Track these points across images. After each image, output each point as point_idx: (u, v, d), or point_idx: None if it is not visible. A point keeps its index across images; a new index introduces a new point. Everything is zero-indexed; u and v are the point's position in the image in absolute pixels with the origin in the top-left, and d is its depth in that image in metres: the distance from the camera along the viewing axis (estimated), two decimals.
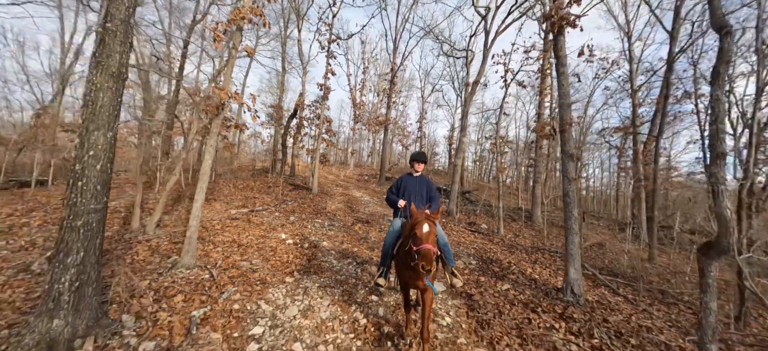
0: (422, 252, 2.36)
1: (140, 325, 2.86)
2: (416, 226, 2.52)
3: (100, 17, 2.91)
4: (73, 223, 2.64)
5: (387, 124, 18.31)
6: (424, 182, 3.60)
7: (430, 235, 2.44)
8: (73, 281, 2.62)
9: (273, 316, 3.23)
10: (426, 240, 2.42)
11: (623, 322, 3.95)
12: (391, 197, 3.55)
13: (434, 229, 2.53)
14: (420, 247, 2.40)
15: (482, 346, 3.13)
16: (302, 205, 8.73)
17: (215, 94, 4.45)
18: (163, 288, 3.48)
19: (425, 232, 2.45)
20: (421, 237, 2.45)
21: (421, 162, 3.57)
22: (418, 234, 2.48)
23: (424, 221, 2.51)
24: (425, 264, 2.31)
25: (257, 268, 4.26)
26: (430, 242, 2.41)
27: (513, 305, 4.09)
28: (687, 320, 4.41)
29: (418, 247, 2.41)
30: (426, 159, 3.65)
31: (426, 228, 2.47)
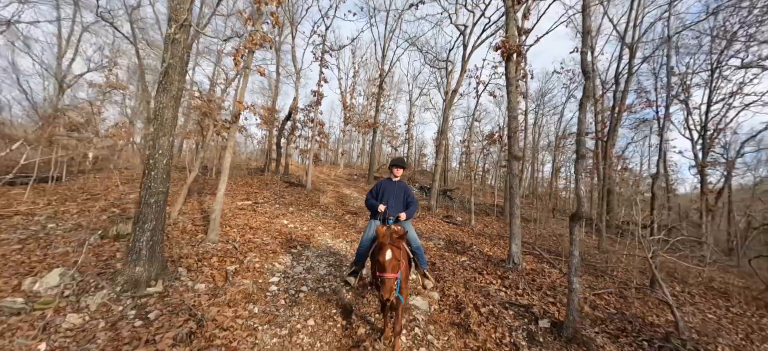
0: (384, 281, 2.43)
1: (192, 275, 4.05)
2: (380, 253, 2.55)
3: (164, 54, 4.06)
4: (148, 201, 3.82)
5: (376, 126, 19.61)
6: (402, 187, 3.67)
7: (391, 263, 2.46)
8: (148, 241, 3.79)
9: (284, 272, 4.47)
10: (388, 268, 2.45)
11: (547, 282, 5.33)
12: (371, 201, 3.62)
13: (398, 254, 2.55)
14: (382, 275, 2.47)
15: (436, 291, 4.44)
16: (298, 199, 9.92)
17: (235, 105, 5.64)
18: (200, 254, 4.66)
19: (388, 260, 2.47)
20: (383, 264, 2.48)
21: (400, 167, 3.67)
22: (380, 261, 2.51)
23: (388, 247, 2.53)
24: (384, 294, 2.39)
25: (269, 243, 5.48)
26: (392, 269, 2.44)
27: (465, 270, 5.44)
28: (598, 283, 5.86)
29: (381, 275, 2.49)
30: (405, 164, 3.74)
31: (388, 255, 2.48)
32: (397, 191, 3.62)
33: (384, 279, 2.42)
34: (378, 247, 2.60)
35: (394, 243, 2.57)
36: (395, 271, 2.45)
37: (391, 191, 3.60)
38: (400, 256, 2.59)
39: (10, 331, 2.77)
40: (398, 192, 3.62)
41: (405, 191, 3.68)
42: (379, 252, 2.56)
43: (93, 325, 2.95)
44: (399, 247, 2.60)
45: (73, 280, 3.63)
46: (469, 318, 3.77)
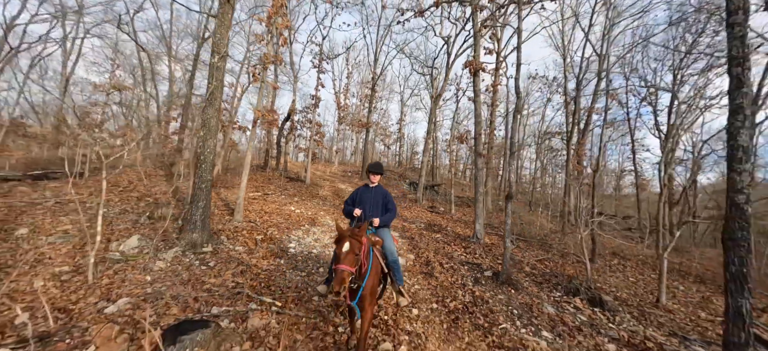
0: (336, 272, 2.32)
1: (231, 242, 5.51)
2: (338, 244, 2.47)
3: (210, 78, 5.46)
4: (200, 186, 5.25)
5: (369, 126, 21.07)
6: (380, 193, 3.52)
7: (348, 255, 2.38)
8: (201, 215, 5.23)
9: (299, 240, 5.97)
10: (343, 259, 2.36)
11: (500, 251, 6.93)
12: (347, 208, 3.49)
13: (356, 248, 2.45)
14: (335, 267, 2.38)
15: (413, 252, 5.99)
16: (300, 192, 11.36)
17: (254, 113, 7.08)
18: (232, 228, 6.11)
19: (344, 251, 2.39)
20: (338, 255, 2.41)
21: (376, 173, 3.52)
22: (336, 252, 2.45)
23: (346, 239, 2.45)
24: (334, 285, 2.25)
25: (282, 222, 6.95)
26: (347, 262, 2.35)
27: (437, 242, 7.01)
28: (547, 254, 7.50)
29: (335, 267, 2.39)
30: (382, 170, 3.60)
31: (346, 246, 2.41)
32: (374, 198, 3.45)
33: (336, 270, 2.33)
34: (336, 240, 2.53)
35: (354, 236, 2.48)
36: (351, 265, 2.35)
37: (367, 198, 3.43)
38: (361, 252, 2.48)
39: (121, 272, 4.20)
40: (376, 198, 3.45)
41: (384, 197, 3.51)
42: (337, 244, 2.49)
43: (173, 267, 4.41)
44: (360, 241, 2.49)
45: (148, 242, 5.06)
46: (434, 269, 5.32)
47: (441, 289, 4.71)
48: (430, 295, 4.47)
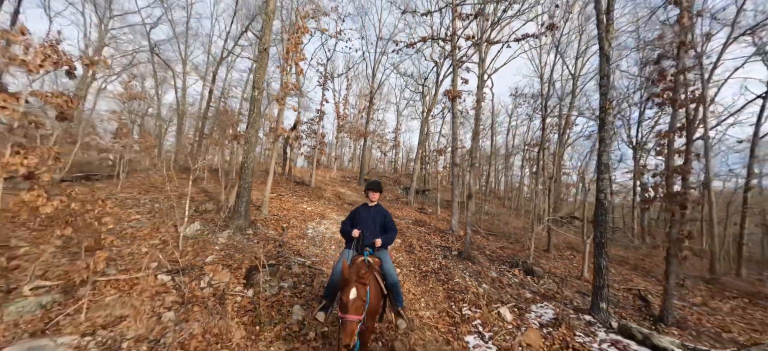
0: (344, 323, 2.26)
1: (264, 228, 7.48)
2: (343, 291, 2.39)
3: (251, 106, 7.45)
4: (244, 186, 7.23)
5: (366, 135, 23.16)
6: (380, 213, 3.42)
7: (355, 303, 2.31)
8: (244, 208, 7.20)
9: (313, 228, 7.96)
10: (350, 308, 2.28)
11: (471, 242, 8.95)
12: (345, 228, 3.37)
13: (363, 293, 2.38)
14: (343, 317, 2.30)
15: (400, 238, 8.01)
16: (307, 193, 13.34)
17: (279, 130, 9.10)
18: (263, 219, 8.08)
19: (351, 299, 2.31)
20: (346, 304, 2.32)
21: (376, 191, 3.44)
22: (343, 300, 2.35)
23: (353, 284, 2.37)
24: (344, 338, 2.19)
25: (299, 215, 8.93)
26: (354, 311, 2.28)
27: (420, 233, 9.04)
28: (514, 245, 9.54)
29: (342, 317, 2.31)
30: (381, 188, 3.49)
31: (352, 293, 2.32)
32: (373, 217, 3.38)
33: (344, 321, 2.27)
34: (342, 286, 2.45)
35: (360, 280, 2.42)
36: (358, 313, 2.30)
37: (366, 218, 3.35)
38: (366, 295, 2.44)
39: (197, 244, 6.15)
40: (375, 218, 3.38)
41: (383, 217, 3.42)
42: (342, 290, 2.41)
43: (230, 242, 6.37)
44: (365, 283, 2.45)
45: (206, 226, 7.01)
46: (414, 249, 7.34)
47: (418, 260, 6.73)
48: (409, 263, 6.48)
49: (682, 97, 5.75)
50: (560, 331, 4.54)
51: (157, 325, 3.42)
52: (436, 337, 4.02)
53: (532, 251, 7.76)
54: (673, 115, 5.86)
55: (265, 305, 4.03)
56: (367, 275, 2.52)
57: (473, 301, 5.16)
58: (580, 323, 4.92)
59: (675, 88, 5.91)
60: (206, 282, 4.44)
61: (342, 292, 2.42)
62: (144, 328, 3.29)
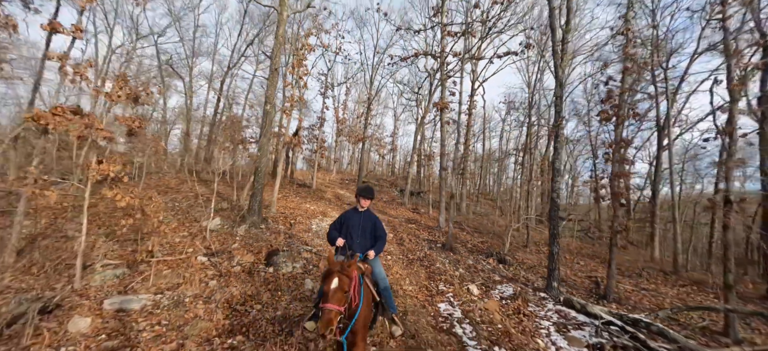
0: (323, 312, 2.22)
1: (275, 223, 8.71)
2: (325, 280, 2.35)
3: (264, 119, 8.67)
4: (257, 187, 8.46)
5: (364, 140, 24.41)
6: (369, 219, 3.33)
7: (336, 293, 2.27)
8: (257, 206, 8.42)
9: (317, 224, 9.20)
10: (332, 298, 2.25)
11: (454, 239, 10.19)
12: (332, 234, 3.27)
13: (346, 285, 2.34)
14: (323, 305, 2.25)
15: (392, 233, 9.26)
16: (310, 194, 14.56)
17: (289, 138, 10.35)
18: (272, 215, 9.30)
19: (332, 289, 2.28)
20: (326, 292, 2.29)
21: (367, 198, 3.36)
22: (324, 289, 2.33)
23: (335, 274, 2.34)
24: (321, 327, 2.16)
25: (304, 213, 10.15)
26: (335, 301, 2.24)
27: (411, 229, 10.28)
28: (495, 240, 10.78)
29: (322, 306, 2.27)
30: (373, 194, 3.41)
31: (334, 283, 2.30)
32: (363, 224, 3.29)
33: (323, 310, 2.22)
34: (324, 276, 2.40)
35: (343, 271, 2.38)
36: (340, 304, 2.25)
37: (355, 224, 3.28)
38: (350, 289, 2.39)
39: (221, 235, 7.36)
40: (364, 224, 3.29)
41: (373, 224, 3.34)
42: (324, 280, 2.37)
43: (247, 234, 7.58)
44: (349, 276, 2.39)
45: (225, 222, 8.22)
46: (404, 241, 8.58)
47: (406, 250, 7.96)
48: (399, 253, 7.72)
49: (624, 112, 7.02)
50: (516, 303, 5.77)
51: (205, 288, 4.64)
52: (415, 304, 5.24)
53: (508, 245, 9.01)
54: (616, 128, 7.13)
55: (283, 278, 5.26)
56: (352, 267, 2.48)
57: (449, 280, 6.40)
58: (534, 298, 6.16)
59: (619, 105, 7.19)
60: (235, 262, 5.67)
61: (324, 281, 2.38)
62: (198, 290, 4.51)
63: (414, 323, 4.50)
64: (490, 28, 12.78)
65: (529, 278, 7.32)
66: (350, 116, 34.43)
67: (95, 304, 3.96)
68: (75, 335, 3.38)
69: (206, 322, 3.86)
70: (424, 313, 4.99)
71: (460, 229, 12.14)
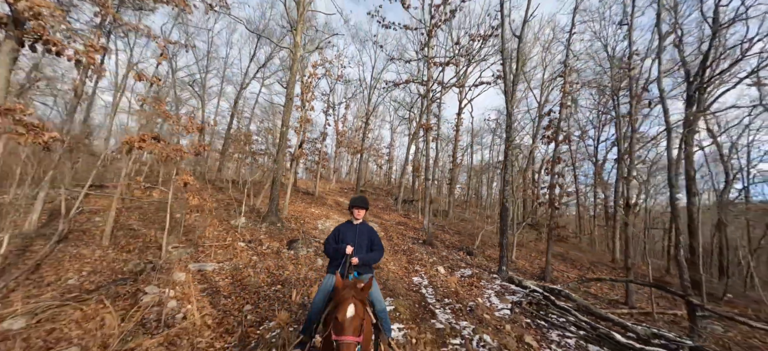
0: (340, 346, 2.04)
1: (289, 222, 10.91)
2: (339, 309, 2.18)
3: (280, 140, 10.90)
4: (274, 194, 10.67)
5: (362, 151, 26.72)
6: (365, 231, 3.30)
7: (353, 321, 2.10)
8: (275, 208, 10.61)
9: (322, 223, 11.41)
10: (348, 328, 2.08)
11: (435, 238, 12.38)
12: (332, 246, 3.21)
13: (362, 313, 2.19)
14: (339, 338, 2.08)
15: (383, 232, 11.46)
16: (313, 201, 16.75)
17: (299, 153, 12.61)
18: (285, 217, 11.50)
19: (349, 318, 2.11)
20: (343, 324, 2.11)
21: (361, 208, 3.31)
22: (339, 319, 2.13)
23: (350, 301, 2.18)
24: None
25: (310, 216, 12.35)
26: (353, 330, 2.08)
27: (400, 230, 12.49)
28: (463, 237, 12.99)
29: (337, 339, 2.08)
30: (366, 204, 3.35)
31: (350, 311, 2.13)
32: (359, 236, 3.23)
33: (341, 344, 2.04)
34: (337, 303, 2.23)
35: (358, 297, 2.23)
36: (357, 334, 2.09)
37: (351, 236, 3.21)
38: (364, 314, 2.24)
39: (247, 231, 9.54)
40: (361, 237, 3.24)
41: (369, 236, 3.30)
42: (337, 308, 2.19)
43: (268, 230, 9.77)
44: (363, 302, 2.26)
45: (249, 220, 10.40)
46: (393, 239, 10.78)
47: (394, 244, 10.17)
48: (388, 247, 9.92)
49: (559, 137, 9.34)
50: (471, 279, 7.97)
51: (250, 261, 6.83)
52: (396, 276, 7.42)
53: (477, 242, 11.20)
54: (555, 149, 9.42)
55: (302, 257, 7.45)
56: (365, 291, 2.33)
57: (423, 264, 8.60)
58: (487, 277, 8.35)
59: (557, 131, 9.51)
60: (266, 246, 7.85)
61: (337, 310, 2.19)
62: (245, 261, 6.70)
63: (393, 286, 6.68)
64: (470, 60, 15.20)
65: (488, 266, 9.51)
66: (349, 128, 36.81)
67: (183, 266, 6.13)
68: (178, 280, 5.54)
69: (255, 279, 6.04)
70: (401, 282, 7.17)
71: (443, 231, 14.35)
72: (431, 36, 14.31)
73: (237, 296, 5.34)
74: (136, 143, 6.90)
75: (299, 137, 12.98)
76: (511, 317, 6.10)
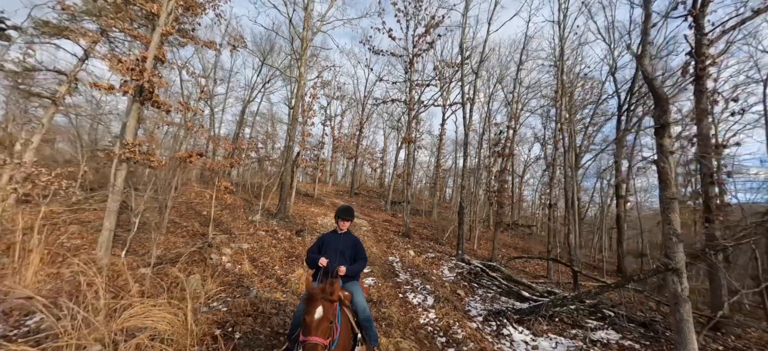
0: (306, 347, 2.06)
1: (294, 218, 13.80)
2: (307, 310, 2.21)
3: (288, 155, 13.71)
4: (283, 195, 13.54)
5: (356, 156, 29.64)
6: (349, 241, 3.35)
7: (321, 323, 2.13)
8: (284, 207, 13.47)
9: (321, 220, 14.32)
10: (315, 330, 2.11)
11: (418, 232, 15.31)
12: (312, 256, 3.23)
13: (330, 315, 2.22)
14: (306, 339, 2.10)
15: (370, 227, 14.40)
16: (313, 202, 19.61)
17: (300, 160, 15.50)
18: (291, 215, 14.38)
19: (316, 319, 2.14)
20: (309, 325, 2.14)
21: (346, 220, 3.38)
22: (307, 321, 2.17)
23: (318, 302, 2.21)
24: None
25: (311, 214, 15.24)
26: (320, 333, 2.10)
27: (385, 226, 15.43)
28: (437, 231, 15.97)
29: (305, 339, 2.11)
30: (352, 215, 3.42)
31: (318, 312, 2.16)
32: (343, 246, 3.28)
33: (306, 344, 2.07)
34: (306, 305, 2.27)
35: (326, 297, 2.26)
36: (325, 336, 2.11)
37: (335, 246, 3.27)
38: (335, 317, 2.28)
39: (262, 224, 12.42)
40: (344, 246, 3.28)
41: (353, 246, 3.35)
42: (306, 310, 2.22)
43: (279, 224, 12.65)
44: (332, 301, 2.28)
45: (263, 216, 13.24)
46: (378, 232, 13.72)
47: (378, 236, 13.09)
48: (373, 238, 12.85)
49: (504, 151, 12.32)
50: (434, 259, 10.90)
51: (271, 244, 9.70)
52: (377, 257, 10.32)
53: (446, 235, 14.13)
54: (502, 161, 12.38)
55: (307, 241, 10.34)
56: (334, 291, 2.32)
57: (399, 249, 11.52)
58: (447, 258, 11.29)
59: (504, 147, 12.49)
60: (280, 235, 10.73)
61: (305, 310, 2.22)
62: (267, 243, 9.58)
63: (372, 261, 9.57)
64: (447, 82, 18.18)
65: (450, 252, 12.46)
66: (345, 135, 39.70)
67: (227, 244, 8.99)
68: (228, 254, 8.40)
69: (278, 252, 8.92)
70: (379, 259, 10.09)
71: (423, 227, 17.30)
72: (413, 63, 17.29)
73: (268, 260, 8.23)
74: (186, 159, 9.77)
75: (302, 150, 15.86)
76: (453, 280, 9.05)
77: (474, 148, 28.86)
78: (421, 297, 7.20)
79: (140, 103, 7.11)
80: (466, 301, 7.56)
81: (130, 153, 6.83)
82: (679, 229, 5.13)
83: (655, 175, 5.42)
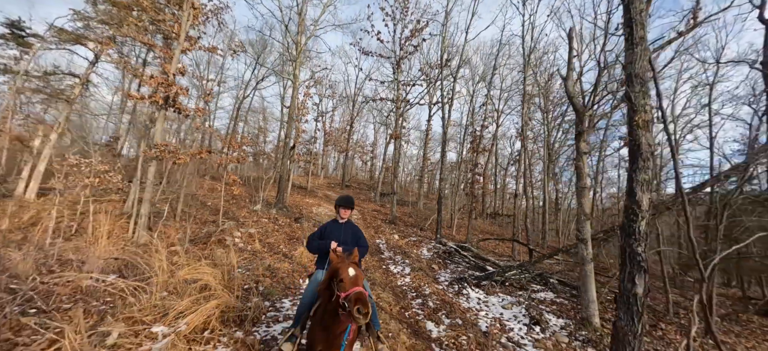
0: (353, 296, 2.16)
1: (291, 208, 15.39)
2: (340, 271, 2.37)
3: (288, 158, 15.19)
4: (281, 187, 15.09)
5: (347, 150, 31.16)
6: (350, 230, 3.48)
7: (357, 278, 2.30)
8: (282, 199, 15.03)
9: (316, 209, 15.96)
10: (355, 283, 2.27)
11: (404, 219, 17.08)
12: (316, 243, 3.36)
13: (361, 273, 2.38)
14: (350, 291, 2.22)
15: (360, 215, 16.11)
16: (307, 193, 21.16)
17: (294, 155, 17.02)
18: (288, 205, 15.96)
19: (352, 276, 2.29)
20: (348, 281, 2.29)
21: (347, 208, 3.51)
22: (343, 278, 2.32)
23: (349, 265, 2.38)
24: (361, 307, 2.08)
25: (306, 205, 16.84)
26: (360, 284, 2.27)
27: (374, 215, 17.17)
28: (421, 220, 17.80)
29: (348, 293, 2.22)
30: (352, 204, 3.53)
31: (352, 271, 2.32)
32: (344, 235, 3.39)
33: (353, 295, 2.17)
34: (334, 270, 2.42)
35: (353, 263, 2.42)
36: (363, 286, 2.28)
37: (337, 235, 3.36)
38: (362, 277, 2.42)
39: (264, 214, 13.99)
40: (346, 235, 3.40)
41: (354, 234, 3.47)
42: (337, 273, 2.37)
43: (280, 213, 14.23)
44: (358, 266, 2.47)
45: (264, 207, 14.79)
46: (366, 218, 15.45)
47: (367, 222, 14.82)
48: (363, 224, 14.56)
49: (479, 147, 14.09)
50: (415, 242, 12.68)
51: (273, 229, 11.31)
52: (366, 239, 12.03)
53: (428, 222, 15.93)
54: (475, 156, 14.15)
55: (305, 227, 11.98)
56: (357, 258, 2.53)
57: (385, 234, 13.26)
58: (427, 241, 13.09)
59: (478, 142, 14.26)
60: (281, 222, 12.33)
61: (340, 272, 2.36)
62: (271, 229, 11.19)
63: None
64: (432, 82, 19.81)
65: (431, 236, 14.28)
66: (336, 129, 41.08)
67: (238, 229, 10.56)
68: (239, 236, 9.98)
69: (281, 236, 10.54)
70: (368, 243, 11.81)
71: (409, 216, 19.10)
72: (400, 65, 18.86)
73: (273, 241, 9.86)
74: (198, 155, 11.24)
75: (296, 145, 17.35)
76: (430, 258, 10.85)
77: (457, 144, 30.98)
78: (400, 268, 8.97)
79: (165, 109, 8.57)
80: (439, 273, 9.36)
81: (160, 152, 8.32)
82: (587, 211, 6.99)
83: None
